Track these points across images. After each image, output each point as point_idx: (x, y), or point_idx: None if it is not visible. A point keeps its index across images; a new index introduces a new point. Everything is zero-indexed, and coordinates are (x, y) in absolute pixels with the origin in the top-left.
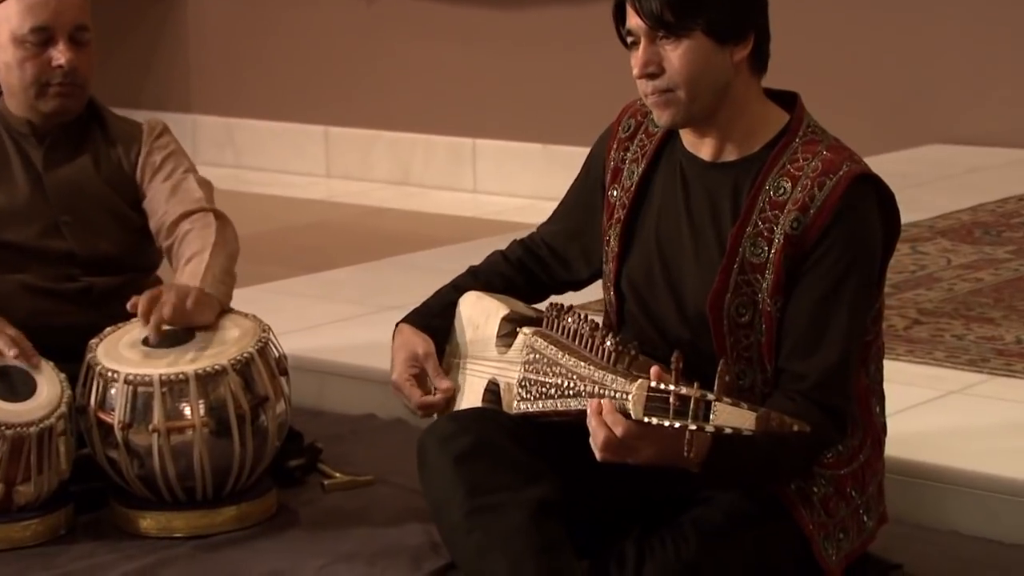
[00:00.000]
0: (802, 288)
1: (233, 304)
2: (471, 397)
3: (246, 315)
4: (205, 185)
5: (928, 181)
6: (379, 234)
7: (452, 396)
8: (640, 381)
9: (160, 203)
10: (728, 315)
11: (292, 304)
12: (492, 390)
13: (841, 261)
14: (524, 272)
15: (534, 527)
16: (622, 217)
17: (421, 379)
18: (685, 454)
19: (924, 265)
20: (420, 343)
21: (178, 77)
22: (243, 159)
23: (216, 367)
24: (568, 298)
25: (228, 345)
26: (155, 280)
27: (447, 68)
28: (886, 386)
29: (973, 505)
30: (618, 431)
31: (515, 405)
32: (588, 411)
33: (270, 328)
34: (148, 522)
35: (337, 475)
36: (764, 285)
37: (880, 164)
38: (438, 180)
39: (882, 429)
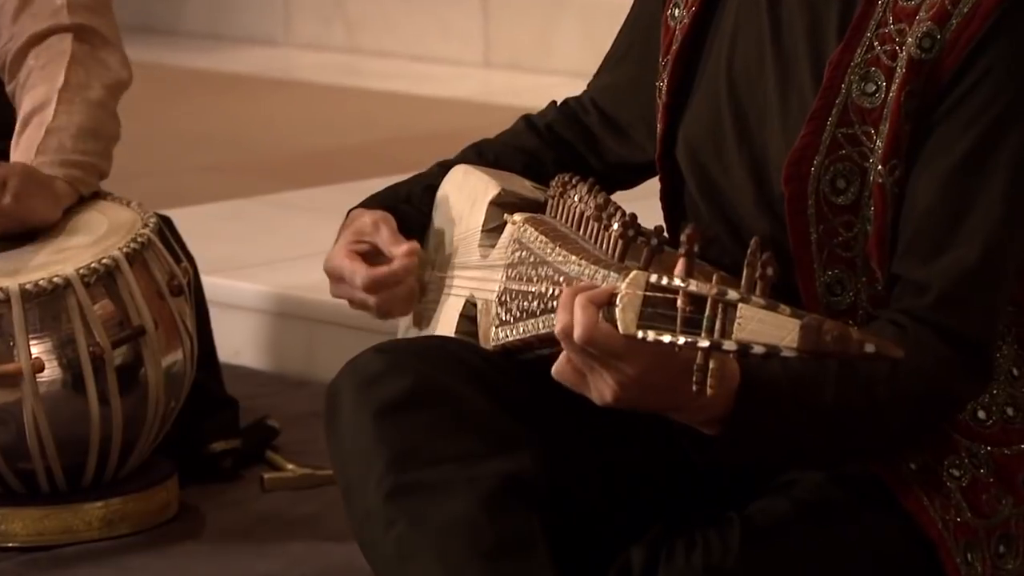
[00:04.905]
0: (933, 148)
1: (197, 217)
2: (444, 327)
3: (126, 203)
4: None
5: None
6: None
7: (422, 280)
8: (634, 274)
9: (5, 22)
10: (818, 190)
11: (294, 222)
12: (469, 314)
13: (997, 103)
14: (559, 147)
15: (487, 517)
16: (679, 46)
17: (371, 260)
18: (695, 388)
19: None
20: (370, 214)
21: None
22: (358, 39)
23: (55, 280)
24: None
25: (83, 248)
26: None
27: None
28: None
29: None
30: (578, 330)
31: (493, 333)
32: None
33: (158, 219)
34: None
35: (290, 467)
36: (876, 144)
37: None
38: None
39: None
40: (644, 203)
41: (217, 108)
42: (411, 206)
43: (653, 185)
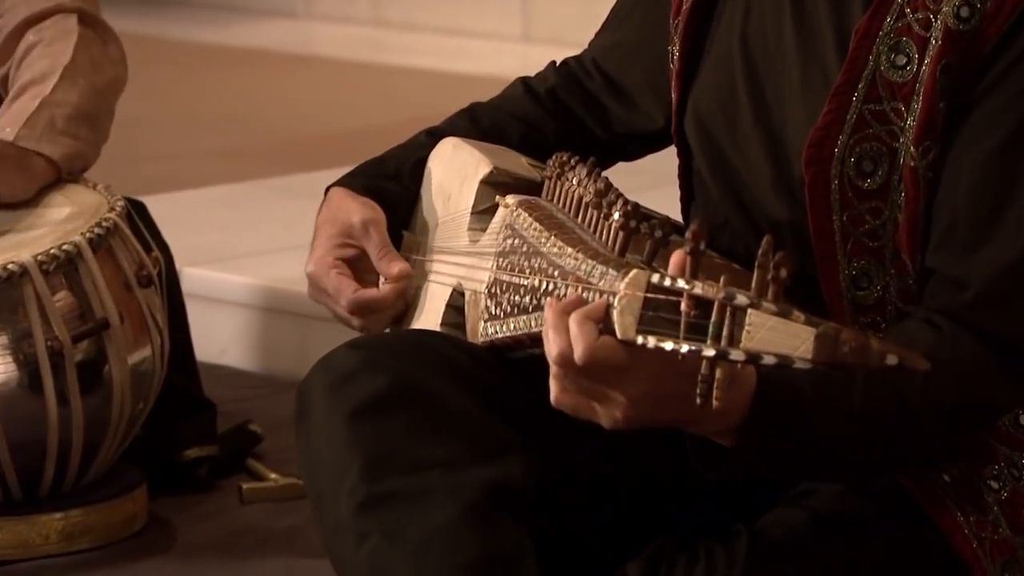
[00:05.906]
0: (970, 129)
1: (182, 202)
2: (428, 317)
3: (92, 185)
4: None
5: None
6: None
7: (410, 298)
8: (634, 273)
9: None
10: (842, 174)
11: (290, 209)
12: (456, 305)
13: None
14: (559, 115)
15: (471, 529)
16: (690, 6)
17: (358, 266)
18: (698, 401)
19: None
20: (358, 209)
21: None
22: (385, 11)
23: (10, 267)
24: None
25: (42, 233)
26: None
27: None
28: None
29: None
30: (578, 350)
31: (481, 327)
32: (545, 314)
33: (126, 204)
34: None
35: (272, 476)
36: (908, 123)
37: None
38: None
39: None
40: (656, 192)
41: (231, 86)
42: (399, 184)
43: (666, 172)
